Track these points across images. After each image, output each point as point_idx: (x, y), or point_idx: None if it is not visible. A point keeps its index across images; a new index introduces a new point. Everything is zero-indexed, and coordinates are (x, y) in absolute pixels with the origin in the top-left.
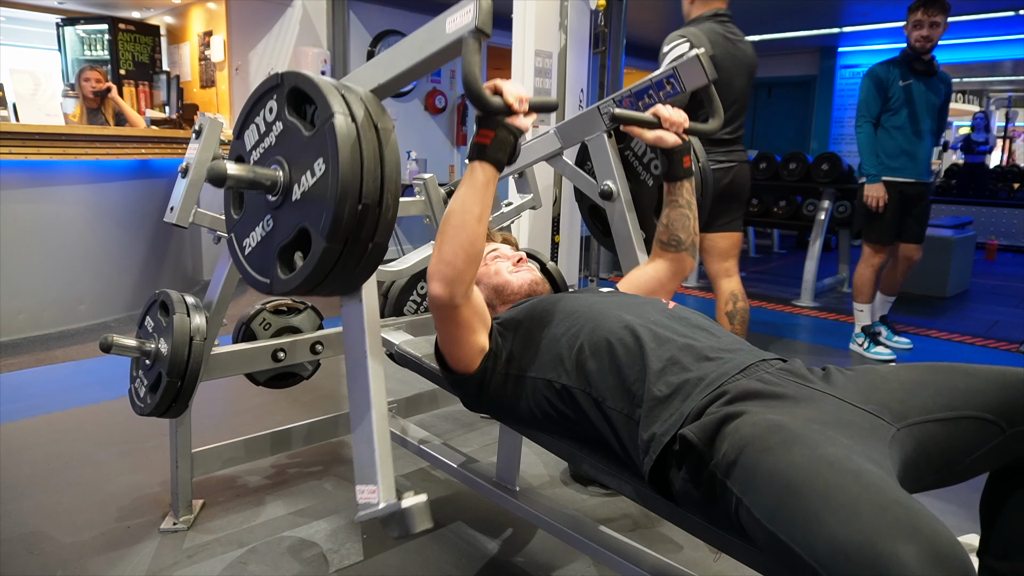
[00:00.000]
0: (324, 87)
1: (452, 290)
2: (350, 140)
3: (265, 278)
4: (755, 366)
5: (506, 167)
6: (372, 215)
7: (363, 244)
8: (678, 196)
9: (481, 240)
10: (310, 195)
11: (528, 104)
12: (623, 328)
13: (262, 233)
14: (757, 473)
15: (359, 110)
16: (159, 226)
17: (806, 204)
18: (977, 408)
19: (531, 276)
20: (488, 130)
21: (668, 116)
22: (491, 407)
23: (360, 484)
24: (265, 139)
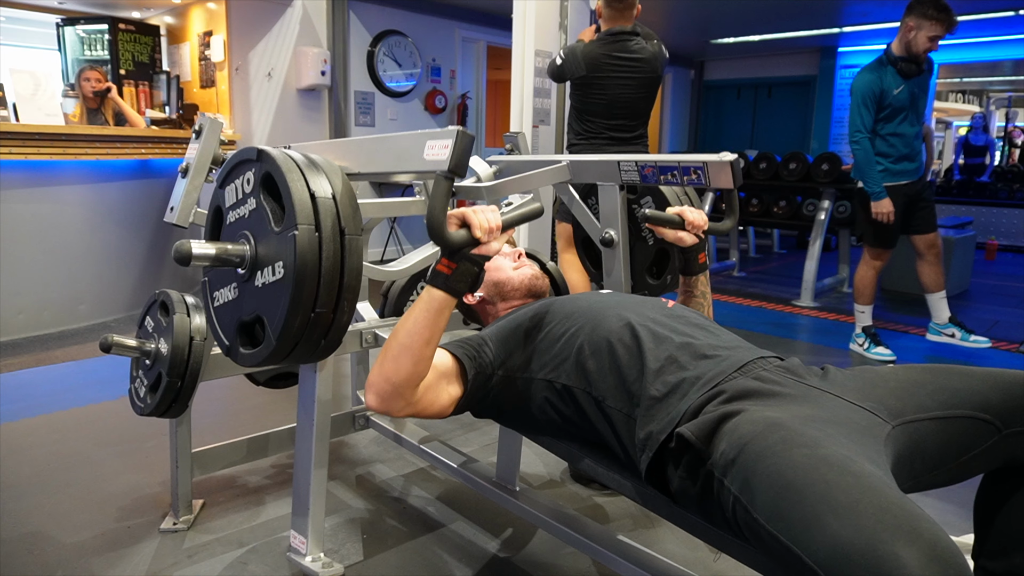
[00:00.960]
0: (294, 185)
1: (388, 406)
2: (311, 253)
3: (227, 342)
4: (752, 364)
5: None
6: (325, 321)
7: (315, 342)
8: (693, 288)
9: (426, 363)
10: (269, 290)
11: (501, 229)
12: (622, 327)
13: (230, 296)
14: (756, 472)
15: (327, 217)
16: (159, 226)
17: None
18: (973, 408)
19: (531, 271)
20: (451, 262)
21: (692, 220)
22: (492, 412)
23: (294, 529)
24: (241, 207)
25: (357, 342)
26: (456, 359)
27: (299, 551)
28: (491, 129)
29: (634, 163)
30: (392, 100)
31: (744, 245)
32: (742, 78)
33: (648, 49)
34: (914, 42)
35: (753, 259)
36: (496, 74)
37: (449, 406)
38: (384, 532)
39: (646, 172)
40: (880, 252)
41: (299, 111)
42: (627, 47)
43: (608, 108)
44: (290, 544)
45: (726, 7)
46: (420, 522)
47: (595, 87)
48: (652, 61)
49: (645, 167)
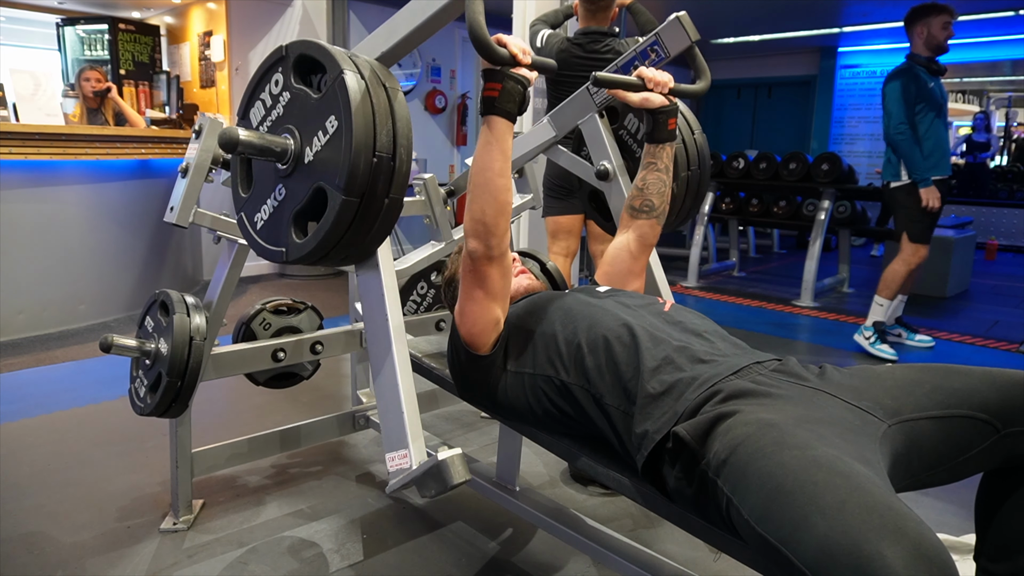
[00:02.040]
0: (331, 50)
1: (487, 242)
2: (361, 94)
3: (279, 247)
4: (749, 368)
5: (517, 118)
6: (387, 168)
7: (379, 199)
8: (658, 159)
9: (506, 192)
10: (323, 155)
11: (531, 57)
12: (620, 326)
13: (274, 204)
14: (747, 473)
15: (366, 68)
16: (159, 226)
17: (806, 204)
18: (972, 408)
19: (528, 282)
20: (495, 83)
21: (652, 76)
22: (491, 404)
23: (390, 451)
24: (272, 112)
25: (357, 342)
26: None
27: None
28: None
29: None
30: None
31: (744, 245)
32: (742, 78)
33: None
34: (932, 36)
35: (753, 259)
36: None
37: (492, 329)
38: (384, 532)
39: None
40: (920, 247)
41: None
42: (595, 47)
43: None
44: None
45: (726, 7)
46: (420, 522)
47: (565, 85)
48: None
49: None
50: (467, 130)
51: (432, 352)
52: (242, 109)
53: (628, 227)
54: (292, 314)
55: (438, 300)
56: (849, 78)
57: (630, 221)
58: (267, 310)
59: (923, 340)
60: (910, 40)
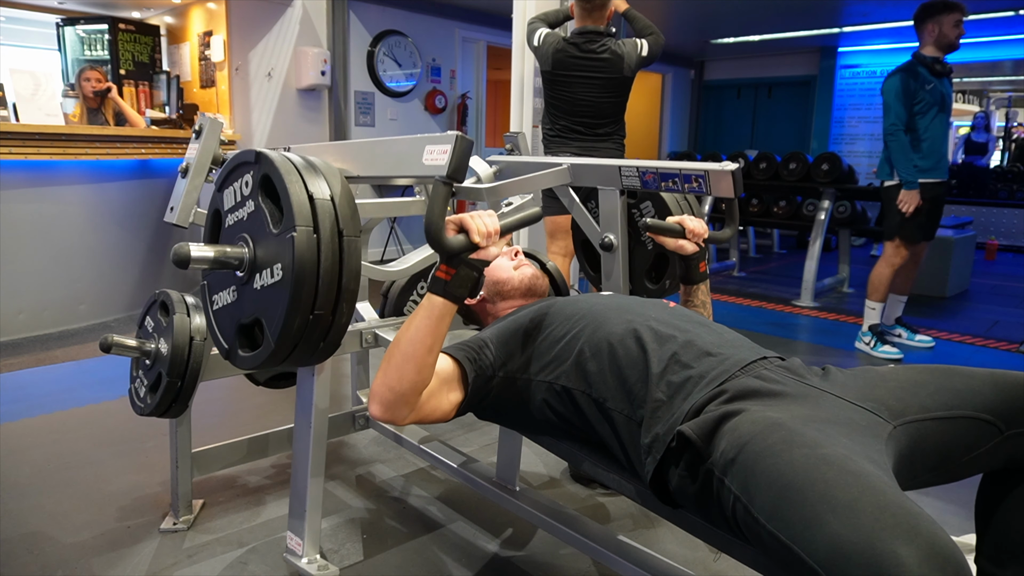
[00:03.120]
0: (292, 188)
1: (393, 414)
2: (310, 255)
3: (226, 345)
4: (755, 364)
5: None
6: (324, 323)
7: (314, 345)
8: (694, 297)
9: (429, 370)
10: (268, 292)
11: (499, 233)
12: (624, 329)
13: (229, 299)
14: (756, 472)
15: (325, 219)
16: (159, 226)
17: (806, 204)
18: (975, 409)
19: (531, 271)
20: (450, 267)
21: (692, 228)
22: (493, 413)
23: (290, 530)
24: (239, 210)
25: (357, 342)
26: (457, 363)
27: (295, 552)
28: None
29: (635, 168)
30: (392, 100)
31: (744, 245)
32: (742, 78)
33: (613, 50)
34: (943, 35)
35: (753, 259)
36: (496, 74)
37: (451, 411)
38: (384, 532)
39: (647, 178)
40: (902, 247)
41: (299, 111)
42: (591, 47)
43: (571, 107)
44: (287, 546)
45: (726, 7)
46: (420, 522)
47: (559, 84)
48: (616, 62)
49: (646, 173)
50: (467, 130)
51: None
52: (219, 183)
53: None
54: None
55: None
56: (849, 78)
57: None
58: None
59: (923, 340)
60: (919, 38)
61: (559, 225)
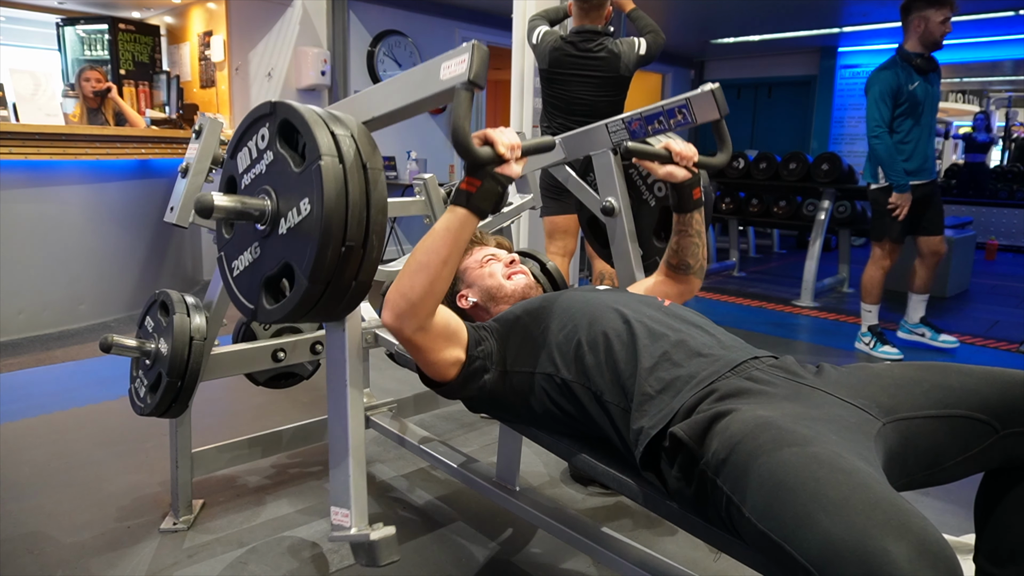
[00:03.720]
0: (313, 125)
1: (402, 323)
2: (337, 184)
3: (250, 304)
4: (746, 364)
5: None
6: (356, 256)
7: (346, 283)
8: (688, 226)
9: (444, 282)
10: (296, 232)
11: (520, 150)
12: (619, 323)
13: (250, 259)
14: (748, 472)
15: (349, 150)
16: (159, 226)
17: (806, 204)
18: (971, 408)
19: (525, 280)
20: (475, 179)
21: (679, 151)
22: (491, 406)
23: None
24: (256, 165)
25: None
26: (467, 332)
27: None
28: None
29: (620, 122)
30: None
31: (744, 245)
32: (742, 78)
33: (611, 49)
34: (929, 32)
35: (753, 259)
36: (496, 74)
37: (451, 366)
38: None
39: (633, 127)
40: (889, 250)
41: None
42: (588, 46)
43: (568, 105)
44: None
45: (726, 7)
46: (420, 522)
47: (556, 83)
48: (613, 61)
49: (632, 122)
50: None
51: None
52: (231, 150)
53: (667, 278)
54: None
55: None
56: (849, 78)
57: (668, 272)
58: None
59: (948, 341)
60: (904, 31)
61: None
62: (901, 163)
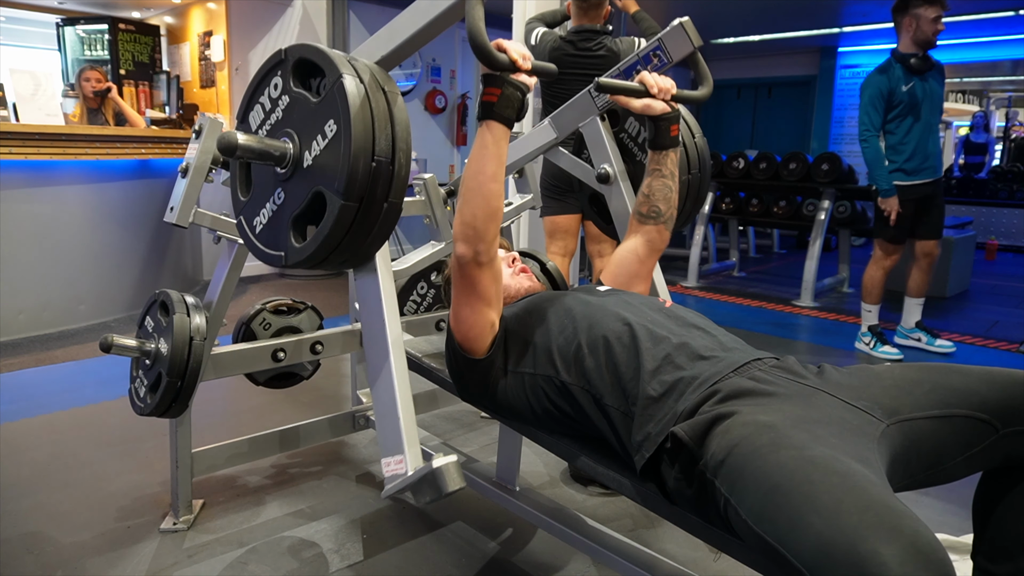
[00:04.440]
0: (330, 54)
1: (475, 247)
2: (360, 99)
3: (278, 251)
4: (749, 365)
5: (515, 124)
6: (386, 172)
7: (378, 203)
8: (662, 166)
9: (498, 198)
10: (322, 159)
11: (531, 63)
12: (620, 325)
13: (273, 208)
14: (745, 473)
15: (366, 72)
16: (159, 226)
17: (806, 204)
18: (971, 407)
19: (529, 283)
20: (494, 88)
21: (654, 83)
22: (491, 405)
23: (386, 457)
24: (271, 116)
25: (357, 342)
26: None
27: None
28: None
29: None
30: None
31: (744, 245)
32: (742, 78)
33: (610, 47)
34: (920, 31)
35: (753, 259)
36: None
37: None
38: (384, 532)
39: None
40: (891, 250)
41: None
42: (587, 45)
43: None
44: (385, 476)
45: (726, 7)
46: (420, 522)
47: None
48: (613, 59)
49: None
50: (467, 130)
51: (432, 352)
52: (241, 112)
53: (636, 232)
54: (292, 314)
55: (438, 300)
56: (849, 78)
57: (638, 227)
58: (267, 310)
59: (944, 345)
60: (896, 32)
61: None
62: (899, 163)
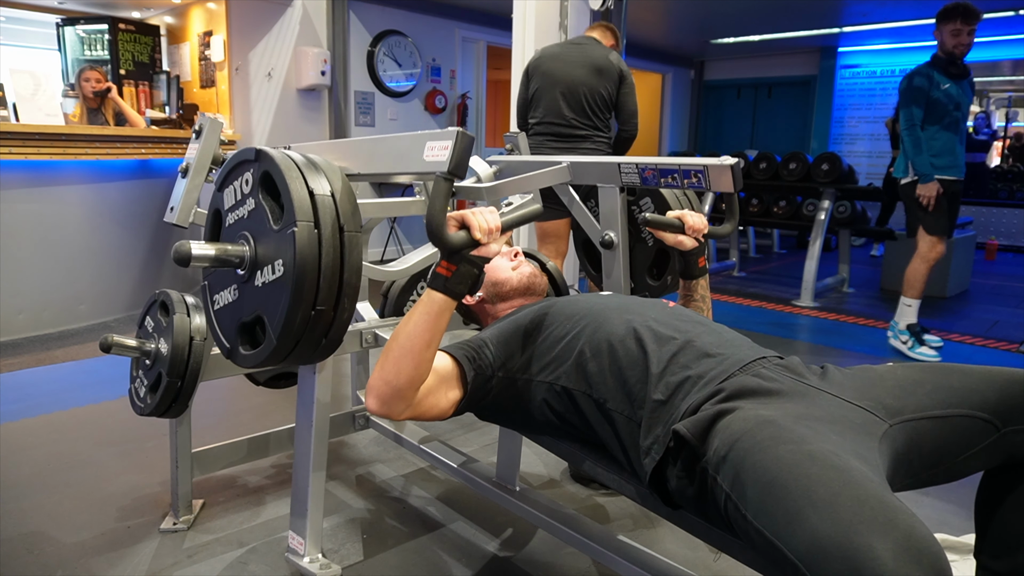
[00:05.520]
0: (292, 183)
1: (389, 408)
2: (311, 250)
3: (227, 344)
4: (754, 363)
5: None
6: (326, 318)
7: (316, 341)
8: (693, 292)
9: (427, 365)
10: (269, 289)
11: (500, 230)
12: (624, 329)
13: (230, 299)
14: (744, 468)
15: (326, 214)
16: (159, 226)
17: (806, 204)
18: (972, 407)
19: (529, 269)
20: (450, 264)
21: (692, 224)
22: (493, 413)
23: (292, 529)
24: (240, 208)
25: (357, 342)
26: (456, 362)
27: (297, 552)
28: (491, 129)
29: (634, 165)
30: (392, 100)
31: (744, 245)
32: (742, 78)
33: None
34: (943, 44)
35: (753, 259)
36: (496, 74)
37: (449, 409)
38: (384, 532)
39: (646, 175)
40: (936, 242)
41: (299, 111)
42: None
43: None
44: (288, 545)
45: (726, 7)
46: (420, 522)
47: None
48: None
49: (645, 169)
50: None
51: None
52: (219, 182)
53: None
54: None
55: None
56: (849, 78)
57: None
58: None
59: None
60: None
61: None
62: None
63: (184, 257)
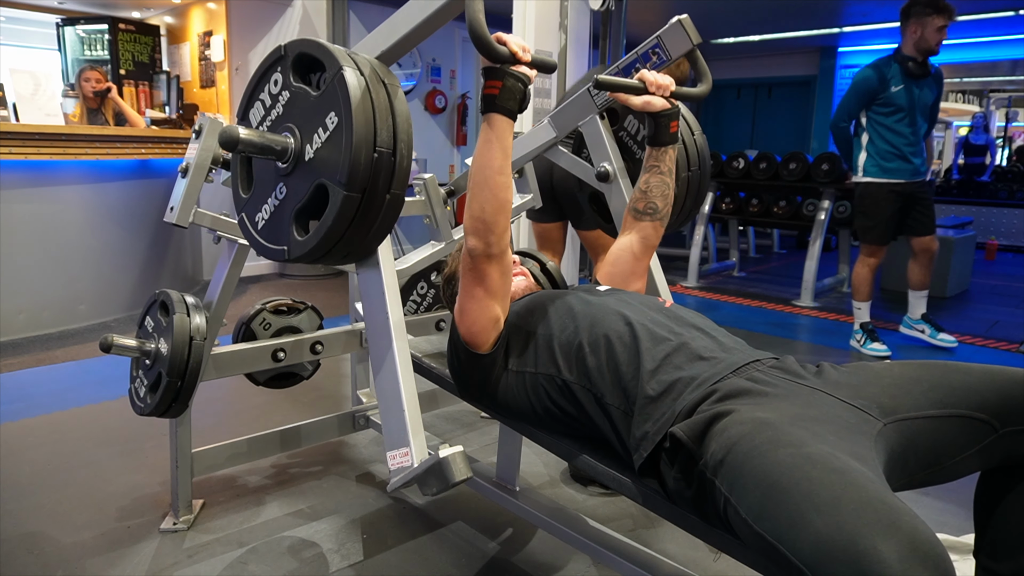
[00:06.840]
0: (330, 48)
1: (486, 240)
2: (360, 90)
3: (281, 246)
4: (748, 366)
5: (518, 116)
6: (387, 164)
7: (380, 195)
8: (660, 162)
9: (506, 190)
10: (324, 152)
11: (531, 55)
12: (622, 325)
13: (275, 203)
14: (743, 472)
15: (366, 66)
16: (159, 226)
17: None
18: (970, 407)
19: (526, 282)
20: (496, 80)
21: (654, 80)
22: (492, 404)
23: (391, 450)
24: (272, 111)
25: (357, 342)
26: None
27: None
28: None
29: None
30: None
31: (744, 245)
32: (742, 78)
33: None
34: (924, 39)
35: (753, 259)
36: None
37: (492, 326)
38: (384, 532)
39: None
40: (873, 250)
41: None
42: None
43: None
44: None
45: (726, 7)
46: (420, 522)
47: None
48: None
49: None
50: (467, 130)
51: (432, 352)
52: (241, 110)
53: (631, 229)
54: (292, 314)
55: (438, 300)
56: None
57: (633, 223)
58: (267, 310)
59: (946, 339)
60: (901, 34)
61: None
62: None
63: (232, 140)
